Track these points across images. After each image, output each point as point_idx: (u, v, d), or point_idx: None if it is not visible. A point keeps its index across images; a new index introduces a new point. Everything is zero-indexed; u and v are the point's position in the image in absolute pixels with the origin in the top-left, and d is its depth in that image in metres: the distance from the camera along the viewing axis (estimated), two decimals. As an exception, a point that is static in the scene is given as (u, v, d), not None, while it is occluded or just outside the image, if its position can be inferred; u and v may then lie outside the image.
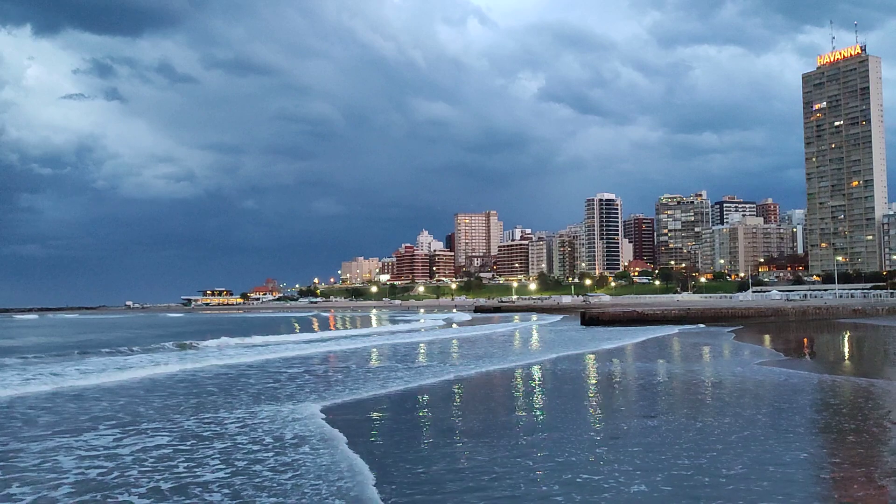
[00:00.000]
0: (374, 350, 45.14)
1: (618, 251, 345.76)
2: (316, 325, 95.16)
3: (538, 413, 20.50)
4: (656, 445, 15.74)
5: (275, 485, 12.74)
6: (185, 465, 14.29)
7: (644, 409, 21.40)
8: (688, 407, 21.46)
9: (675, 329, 65.09)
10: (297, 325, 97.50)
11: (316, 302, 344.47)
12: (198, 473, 13.60)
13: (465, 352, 42.70)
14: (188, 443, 16.41)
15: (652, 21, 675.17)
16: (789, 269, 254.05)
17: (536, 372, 31.46)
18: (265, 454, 15.06)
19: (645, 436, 16.80)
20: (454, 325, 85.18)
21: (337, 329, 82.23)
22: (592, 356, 38.98)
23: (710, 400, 22.80)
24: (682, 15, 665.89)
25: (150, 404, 22.47)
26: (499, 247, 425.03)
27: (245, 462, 14.43)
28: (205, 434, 17.44)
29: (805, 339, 52.74)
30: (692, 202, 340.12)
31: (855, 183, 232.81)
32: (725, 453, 14.75)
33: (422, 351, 43.83)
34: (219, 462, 14.48)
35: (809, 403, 21.94)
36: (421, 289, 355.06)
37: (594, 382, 28.07)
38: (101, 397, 24.23)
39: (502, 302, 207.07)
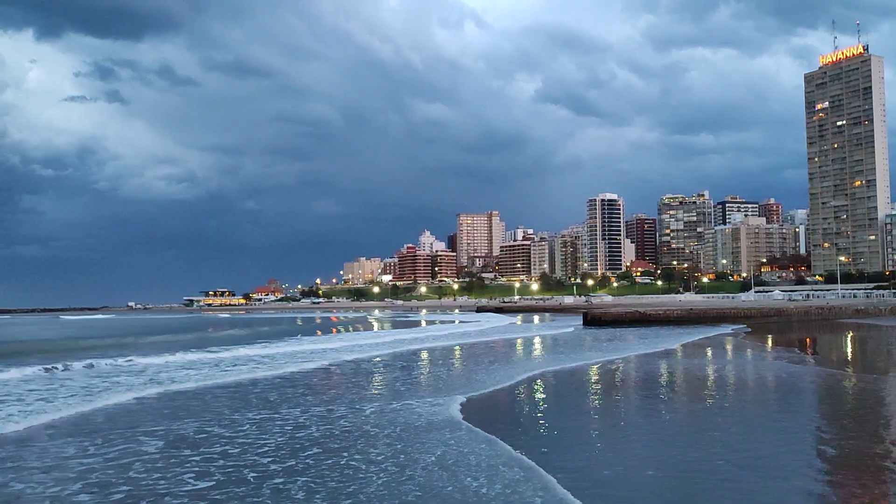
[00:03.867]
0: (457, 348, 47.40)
1: (620, 251, 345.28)
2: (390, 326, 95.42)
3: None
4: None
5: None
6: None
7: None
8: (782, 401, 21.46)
9: (728, 329, 65.05)
10: (375, 324, 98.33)
11: (318, 302, 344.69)
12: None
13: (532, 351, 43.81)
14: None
15: (645, 24, 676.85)
16: (792, 269, 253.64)
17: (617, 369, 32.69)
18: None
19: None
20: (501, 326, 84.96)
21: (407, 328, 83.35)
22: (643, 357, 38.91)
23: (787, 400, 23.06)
24: (675, 18, 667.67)
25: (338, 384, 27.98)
26: (501, 247, 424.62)
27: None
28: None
29: (840, 341, 52.68)
30: (694, 202, 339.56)
31: (857, 183, 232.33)
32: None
33: (504, 349, 45.54)
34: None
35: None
36: (423, 289, 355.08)
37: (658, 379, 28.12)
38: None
39: (504, 302, 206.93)
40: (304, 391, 25.81)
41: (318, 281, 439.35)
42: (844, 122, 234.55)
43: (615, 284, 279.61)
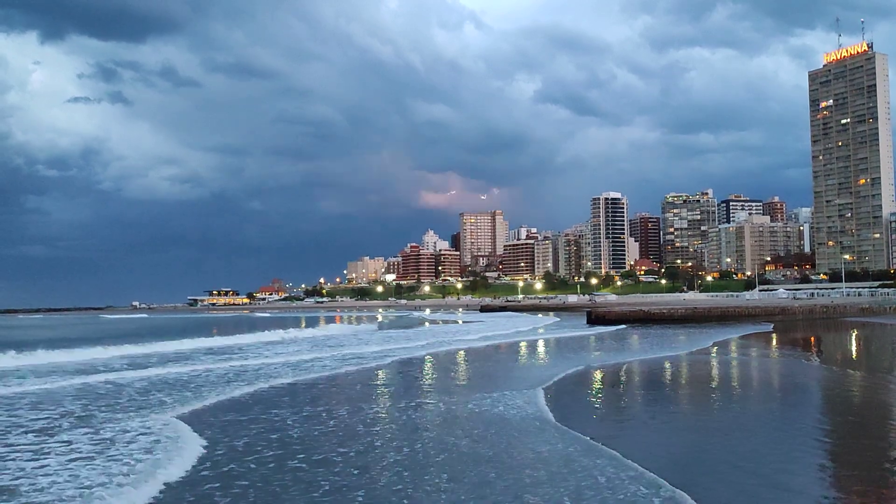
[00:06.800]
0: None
1: (623, 250, 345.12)
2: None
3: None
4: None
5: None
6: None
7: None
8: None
9: (768, 327, 65.06)
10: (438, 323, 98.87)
11: (322, 302, 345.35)
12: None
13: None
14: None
15: (643, 25, 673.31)
16: (796, 267, 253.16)
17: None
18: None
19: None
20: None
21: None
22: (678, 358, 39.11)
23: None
24: (672, 19, 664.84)
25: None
26: (504, 246, 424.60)
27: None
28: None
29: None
30: (698, 201, 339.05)
31: (862, 181, 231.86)
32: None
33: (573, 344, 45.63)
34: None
35: None
36: (427, 288, 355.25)
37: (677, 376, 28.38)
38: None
39: (508, 301, 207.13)
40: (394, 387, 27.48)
41: (321, 280, 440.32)
42: (849, 120, 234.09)
43: (619, 283, 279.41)
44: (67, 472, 13.86)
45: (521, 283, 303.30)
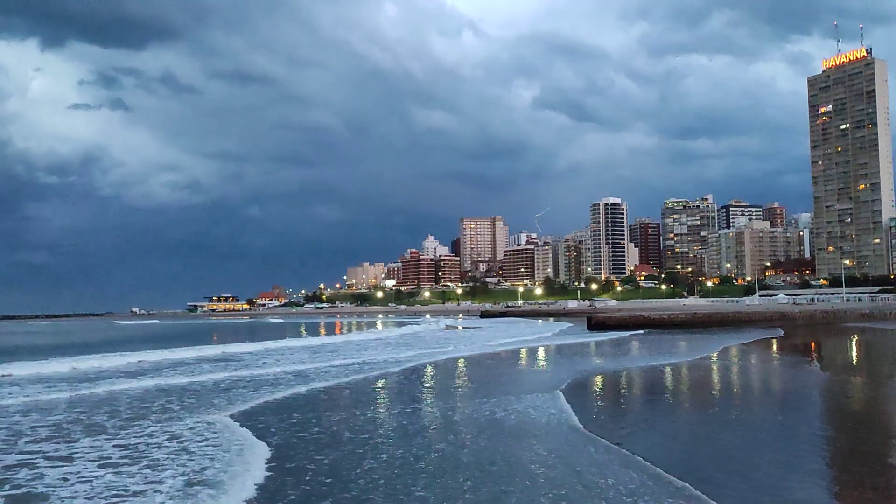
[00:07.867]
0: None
1: (624, 256, 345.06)
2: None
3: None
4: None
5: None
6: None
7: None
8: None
9: (778, 332, 65.10)
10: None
11: (322, 308, 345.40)
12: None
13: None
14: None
15: (640, 31, 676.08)
16: (796, 272, 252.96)
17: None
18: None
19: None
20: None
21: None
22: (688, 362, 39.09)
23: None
24: (669, 25, 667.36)
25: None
26: (504, 252, 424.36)
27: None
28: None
29: None
30: (698, 206, 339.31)
31: (861, 186, 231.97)
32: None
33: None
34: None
35: None
36: (427, 294, 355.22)
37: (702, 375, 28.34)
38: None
39: (508, 307, 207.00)
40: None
41: (321, 286, 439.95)
42: (848, 125, 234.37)
43: (619, 289, 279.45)
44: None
45: (521, 289, 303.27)
